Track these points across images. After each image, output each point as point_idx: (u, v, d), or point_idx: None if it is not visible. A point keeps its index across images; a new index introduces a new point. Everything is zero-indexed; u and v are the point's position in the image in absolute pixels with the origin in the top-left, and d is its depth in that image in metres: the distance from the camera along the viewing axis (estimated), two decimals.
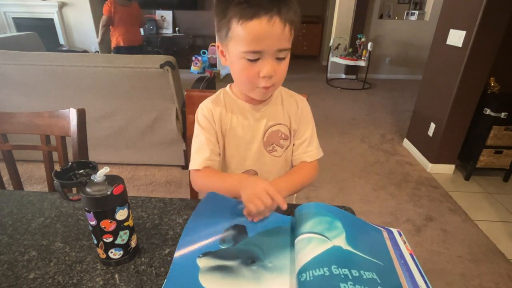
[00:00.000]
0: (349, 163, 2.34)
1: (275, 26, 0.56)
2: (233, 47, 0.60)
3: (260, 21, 0.55)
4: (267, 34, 0.56)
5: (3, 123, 0.86)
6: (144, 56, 1.82)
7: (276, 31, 0.56)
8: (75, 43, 4.59)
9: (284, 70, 0.63)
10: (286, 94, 0.77)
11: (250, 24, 0.55)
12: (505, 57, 1.99)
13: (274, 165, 0.77)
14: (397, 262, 0.50)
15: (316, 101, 3.67)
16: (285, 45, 0.59)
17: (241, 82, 0.67)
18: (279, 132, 0.74)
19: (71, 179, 0.49)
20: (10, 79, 1.83)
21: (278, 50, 0.59)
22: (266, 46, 0.58)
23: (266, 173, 0.77)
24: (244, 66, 0.61)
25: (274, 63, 0.60)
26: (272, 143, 0.75)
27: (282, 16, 0.56)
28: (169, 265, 0.52)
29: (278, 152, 0.76)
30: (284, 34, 0.57)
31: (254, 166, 0.76)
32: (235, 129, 0.73)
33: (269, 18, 0.55)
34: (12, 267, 0.51)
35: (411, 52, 4.76)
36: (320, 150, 0.79)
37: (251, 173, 0.76)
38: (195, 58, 4.65)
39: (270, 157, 0.75)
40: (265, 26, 0.55)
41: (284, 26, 0.57)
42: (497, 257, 1.49)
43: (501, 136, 1.98)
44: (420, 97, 2.44)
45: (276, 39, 0.57)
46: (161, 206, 0.67)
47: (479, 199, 1.95)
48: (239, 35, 0.57)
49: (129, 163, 2.16)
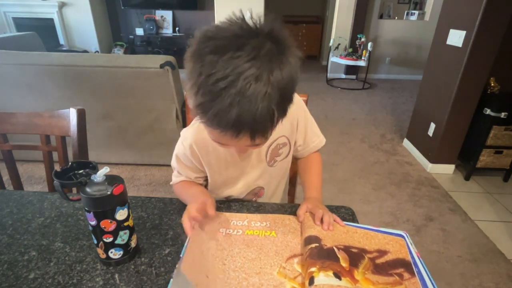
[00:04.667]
0: (349, 163, 2.34)
1: (243, 140, 0.46)
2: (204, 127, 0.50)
3: (225, 133, 0.45)
4: (233, 143, 0.49)
5: (3, 123, 0.86)
6: (144, 56, 1.82)
7: (244, 142, 0.47)
8: (75, 43, 4.59)
9: (264, 142, 0.52)
10: None
11: (214, 131, 0.47)
12: (505, 57, 1.99)
13: (277, 173, 0.77)
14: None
15: (316, 101, 3.67)
16: (259, 143, 0.50)
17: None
18: (278, 146, 0.72)
19: (71, 179, 0.49)
20: (10, 79, 1.83)
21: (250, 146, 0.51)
22: (234, 147, 0.53)
23: (270, 183, 0.78)
24: (215, 142, 0.53)
25: (249, 148, 0.55)
26: (273, 158, 0.74)
27: (250, 133, 0.45)
28: (169, 265, 0.52)
29: (278, 161, 0.75)
30: (256, 142, 0.47)
31: (260, 183, 0.76)
32: (232, 162, 0.70)
33: (236, 136, 0.44)
34: (12, 267, 0.51)
35: (411, 52, 4.75)
36: (322, 136, 0.78)
37: (258, 190, 0.77)
38: None
39: (272, 169, 0.75)
40: (229, 138, 0.46)
41: (254, 139, 0.46)
42: (497, 257, 1.49)
43: (501, 136, 1.97)
44: (420, 97, 2.44)
45: (244, 145, 0.50)
46: (161, 206, 0.67)
47: (479, 199, 1.95)
48: (204, 125, 0.48)
49: (129, 163, 2.16)
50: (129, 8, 4.77)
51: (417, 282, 0.48)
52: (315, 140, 0.77)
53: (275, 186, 0.80)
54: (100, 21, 4.62)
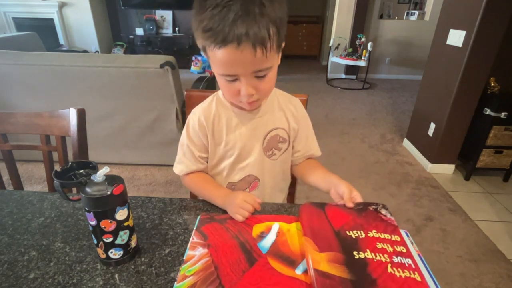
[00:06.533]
0: (349, 163, 2.34)
1: (245, 52, 0.51)
2: (212, 65, 0.59)
3: (227, 48, 0.51)
4: (237, 61, 0.53)
5: (3, 123, 0.86)
6: (144, 56, 1.82)
7: (246, 56, 0.52)
8: (75, 43, 4.59)
9: (268, 85, 0.61)
10: (281, 96, 0.77)
11: (219, 52, 0.53)
12: (505, 57, 1.99)
13: (273, 169, 0.77)
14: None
15: (316, 101, 3.67)
16: (261, 66, 0.56)
17: (226, 96, 0.68)
18: (277, 136, 0.74)
19: (71, 179, 0.49)
20: (10, 79, 1.83)
21: (254, 72, 0.56)
22: (239, 71, 0.56)
23: (266, 177, 0.77)
24: (224, 84, 0.61)
25: (255, 82, 0.58)
26: (272, 148, 0.75)
27: (251, 39, 0.50)
28: (169, 265, 0.52)
29: (276, 155, 0.76)
30: (257, 58, 0.53)
31: (254, 171, 0.76)
32: (232, 140, 0.72)
33: (237, 45, 0.50)
34: (12, 267, 0.51)
35: (411, 52, 4.76)
36: (319, 148, 0.83)
37: (252, 179, 0.76)
38: (195, 58, 4.66)
39: (270, 161, 0.76)
40: (233, 53, 0.52)
41: (255, 49, 0.52)
42: (497, 257, 1.49)
43: (501, 136, 1.98)
44: (420, 97, 2.44)
45: (248, 63, 0.54)
46: (161, 206, 0.67)
47: (479, 199, 1.95)
48: (212, 58, 0.56)
49: (129, 163, 2.16)
50: (129, 8, 4.78)
51: (418, 269, 0.48)
52: (314, 148, 0.81)
53: (271, 186, 0.79)
54: (100, 21, 4.63)
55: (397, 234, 0.55)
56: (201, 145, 0.74)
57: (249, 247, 0.54)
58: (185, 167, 0.75)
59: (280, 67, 0.64)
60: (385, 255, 0.50)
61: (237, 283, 0.47)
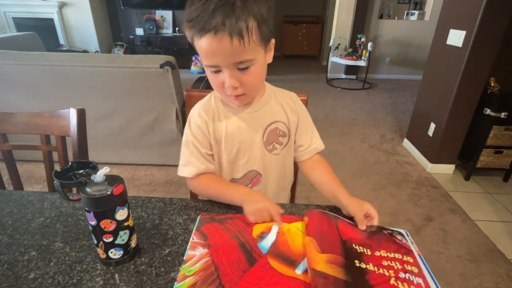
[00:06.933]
0: (349, 163, 2.34)
1: (222, 42, 0.53)
2: (200, 58, 0.61)
3: (206, 37, 0.54)
4: (216, 50, 0.55)
5: (3, 123, 0.86)
6: (144, 56, 1.82)
7: (224, 46, 0.54)
8: (75, 43, 4.59)
9: (251, 79, 0.61)
10: (278, 92, 0.77)
11: (200, 42, 0.55)
12: (505, 57, 1.99)
13: (275, 164, 0.77)
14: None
15: (316, 101, 3.67)
16: (241, 57, 0.56)
17: (214, 89, 0.68)
18: (277, 130, 0.74)
19: (71, 179, 0.49)
20: (10, 79, 1.83)
21: (235, 63, 0.57)
22: (220, 61, 0.57)
23: (268, 172, 0.77)
24: (210, 76, 0.62)
25: (237, 74, 0.59)
26: (272, 142, 0.75)
27: (227, 28, 0.52)
28: (169, 265, 0.52)
29: (278, 150, 0.76)
30: (235, 48, 0.54)
31: (256, 166, 0.75)
32: (232, 135, 0.72)
33: (214, 34, 0.53)
34: (12, 267, 0.51)
35: (411, 52, 4.75)
36: (321, 141, 0.82)
37: (254, 174, 0.76)
38: (195, 58, 4.65)
39: (271, 156, 0.76)
40: (211, 42, 0.54)
41: (232, 40, 0.53)
42: (497, 257, 1.49)
43: (501, 136, 1.98)
44: (420, 97, 2.44)
45: (227, 54, 0.55)
46: (161, 206, 0.67)
47: (479, 199, 1.95)
48: (198, 49, 0.58)
49: (129, 163, 2.16)
50: (129, 8, 4.77)
51: (419, 265, 0.48)
52: (316, 142, 0.80)
53: (273, 182, 0.79)
54: (100, 21, 4.62)
55: (410, 256, 0.53)
56: (205, 141, 0.73)
57: (249, 247, 0.54)
58: (195, 168, 0.72)
59: (280, 67, 0.64)
60: (390, 270, 0.49)
61: (237, 283, 0.47)
